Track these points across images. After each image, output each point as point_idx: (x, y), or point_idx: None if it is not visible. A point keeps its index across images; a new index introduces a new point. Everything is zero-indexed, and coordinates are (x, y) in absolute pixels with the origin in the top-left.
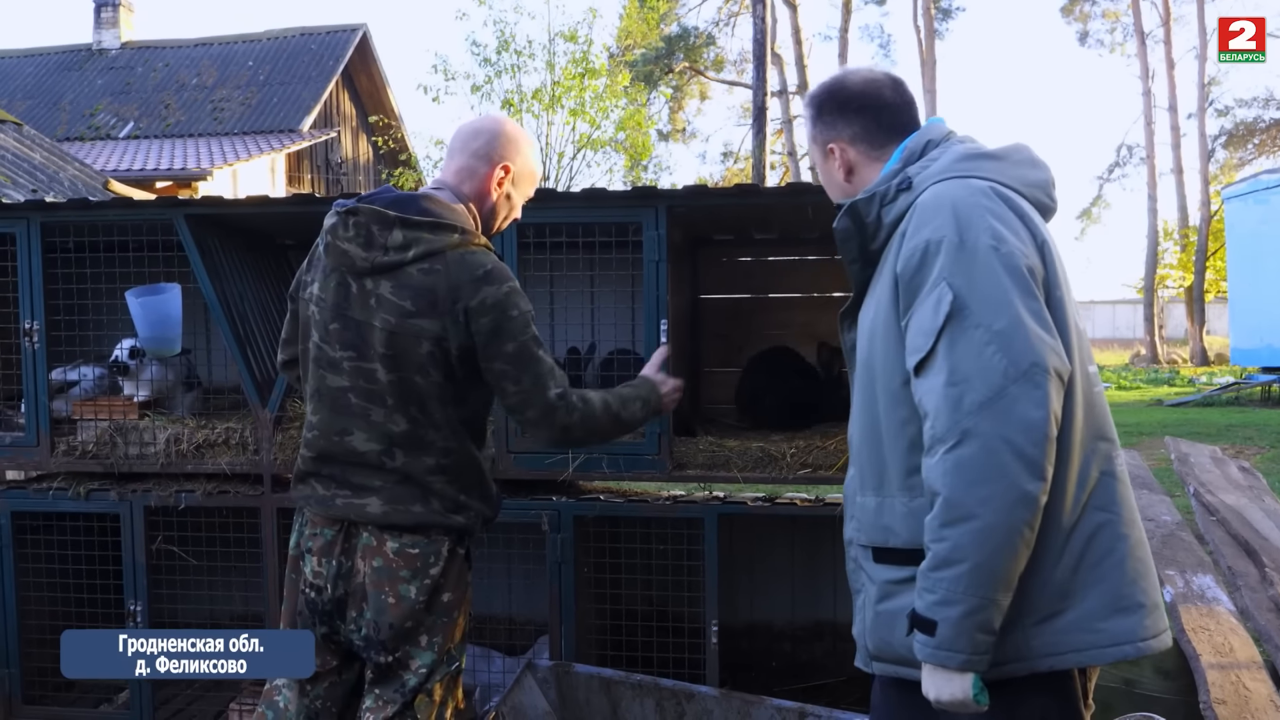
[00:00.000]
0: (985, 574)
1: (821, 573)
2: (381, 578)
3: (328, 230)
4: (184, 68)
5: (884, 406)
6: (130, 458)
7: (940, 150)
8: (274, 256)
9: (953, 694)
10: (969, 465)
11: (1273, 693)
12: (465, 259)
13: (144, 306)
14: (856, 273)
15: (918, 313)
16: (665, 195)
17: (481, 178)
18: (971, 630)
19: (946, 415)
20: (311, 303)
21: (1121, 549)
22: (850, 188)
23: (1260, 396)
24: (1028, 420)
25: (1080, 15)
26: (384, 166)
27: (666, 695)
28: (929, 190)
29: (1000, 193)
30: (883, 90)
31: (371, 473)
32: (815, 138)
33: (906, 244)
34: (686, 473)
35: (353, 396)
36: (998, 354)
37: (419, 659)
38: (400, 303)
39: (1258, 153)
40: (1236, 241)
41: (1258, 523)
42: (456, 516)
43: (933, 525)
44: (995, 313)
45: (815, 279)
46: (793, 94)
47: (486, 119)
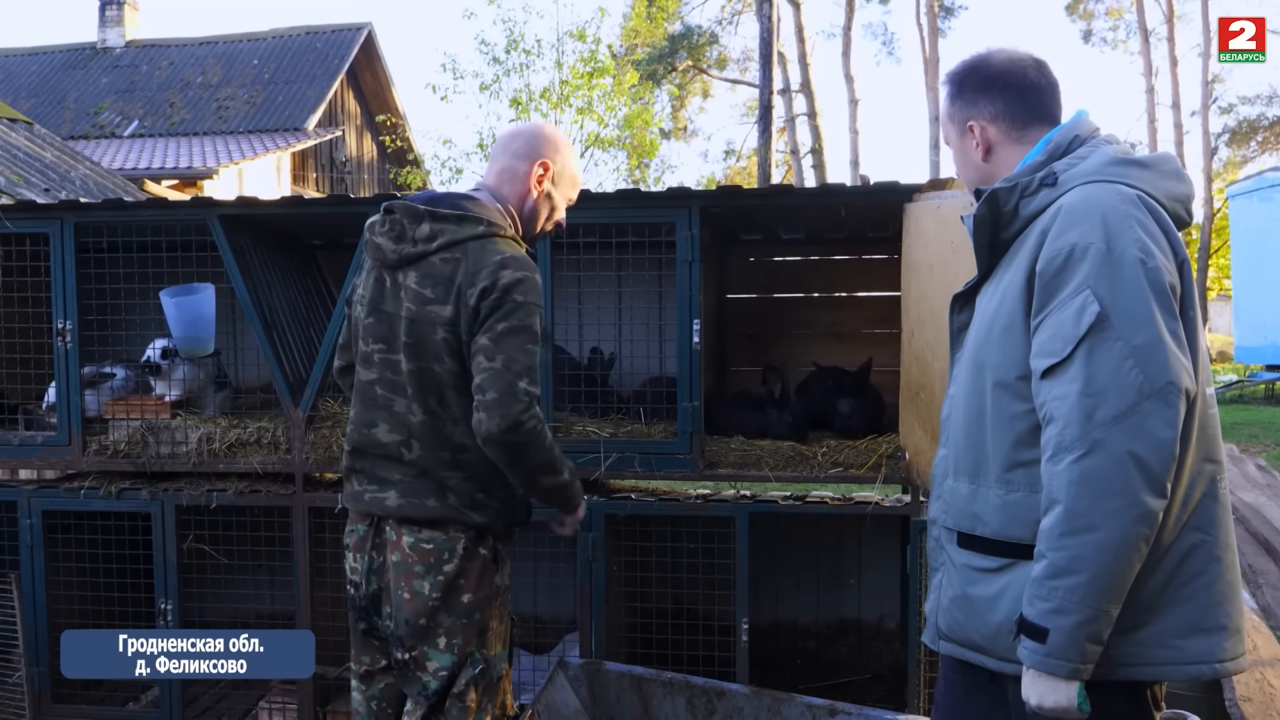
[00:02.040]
0: (1102, 585)
1: (847, 570)
2: (399, 573)
3: (367, 228)
4: (189, 66)
5: (992, 397)
6: (162, 457)
7: (1089, 150)
8: (303, 256)
9: (1057, 701)
10: (1096, 477)
11: None
12: (486, 247)
13: (178, 306)
14: (983, 259)
15: (1055, 316)
16: (699, 195)
17: (521, 176)
18: (1083, 640)
19: (1078, 425)
20: (359, 304)
21: (1213, 571)
22: (988, 168)
23: (1264, 394)
24: (1157, 438)
25: (1084, 13)
26: (391, 166)
27: (697, 693)
28: (1076, 191)
29: (1148, 204)
30: (1027, 70)
31: (392, 465)
32: (954, 115)
33: (1050, 243)
34: (718, 471)
35: (379, 388)
36: (1135, 369)
37: (436, 660)
38: (421, 291)
39: (1261, 150)
40: (1240, 239)
41: (1277, 521)
42: (474, 514)
43: (1051, 533)
44: (1137, 328)
45: (841, 278)
46: (796, 92)
47: (527, 123)
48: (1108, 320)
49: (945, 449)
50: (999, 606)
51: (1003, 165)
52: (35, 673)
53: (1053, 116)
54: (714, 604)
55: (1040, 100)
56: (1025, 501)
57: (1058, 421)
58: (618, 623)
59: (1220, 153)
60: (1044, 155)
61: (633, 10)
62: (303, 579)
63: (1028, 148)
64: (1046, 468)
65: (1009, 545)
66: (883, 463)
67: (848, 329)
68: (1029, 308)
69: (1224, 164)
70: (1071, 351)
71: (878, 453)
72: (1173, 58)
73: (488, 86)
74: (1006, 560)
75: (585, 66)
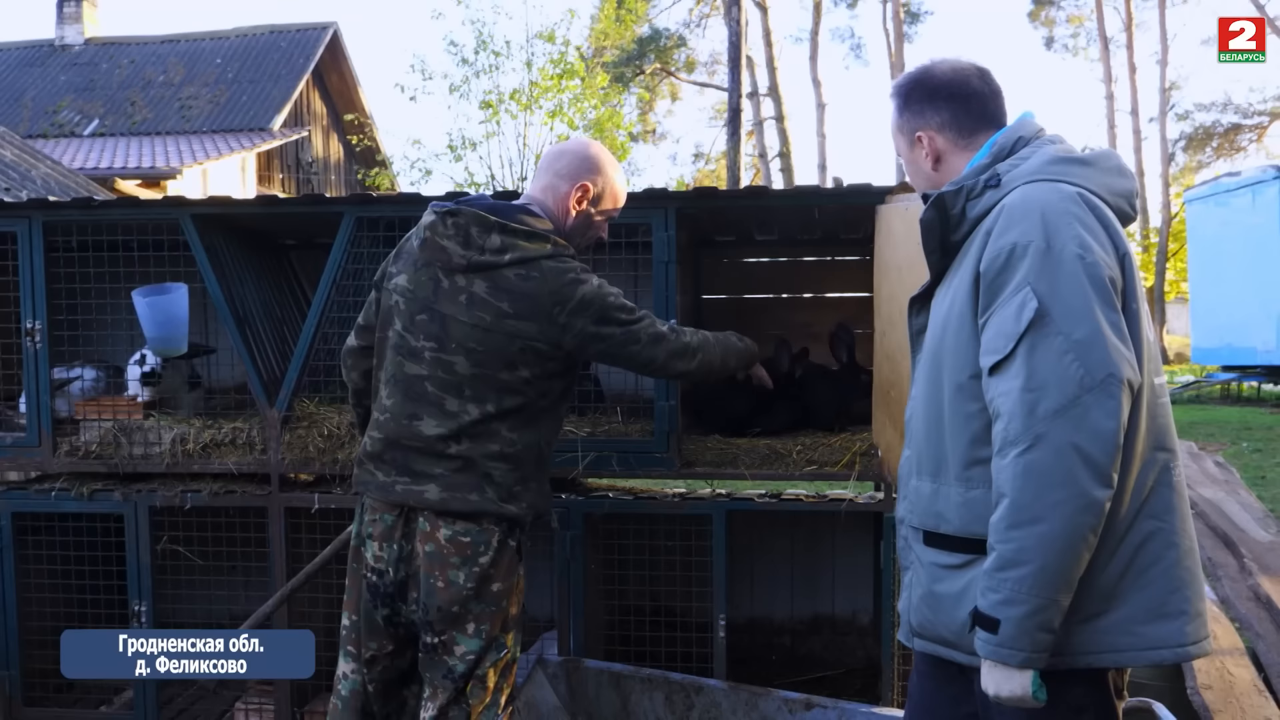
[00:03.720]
0: (1049, 576)
1: (821, 567)
2: (433, 562)
3: (426, 227)
4: (150, 64)
5: (949, 397)
6: (135, 458)
7: (1031, 149)
8: (275, 256)
9: (1012, 690)
10: (1040, 470)
11: (1255, 678)
12: (558, 267)
13: (151, 306)
14: (935, 262)
15: (998, 314)
16: (675, 197)
17: (562, 195)
18: (1033, 629)
19: (1021, 419)
20: (395, 293)
21: (1171, 557)
22: (937, 176)
23: (1220, 394)
24: (1099, 429)
25: (1046, 20)
26: (359, 166)
27: (676, 688)
28: (1018, 191)
29: (1088, 200)
30: (970, 79)
31: (433, 460)
32: (902, 126)
33: (993, 243)
34: (695, 470)
35: (429, 385)
36: (1075, 363)
37: (464, 645)
38: (498, 304)
39: (1216, 156)
40: (1197, 243)
41: (1235, 515)
42: (509, 506)
43: (999, 526)
44: (1076, 322)
45: (814, 279)
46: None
47: (573, 142)
48: (1047, 315)
49: (909, 449)
50: (965, 602)
51: (952, 172)
52: (5, 676)
53: (998, 121)
54: (691, 601)
55: (984, 107)
56: (984, 498)
57: (1003, 416)
58: (596, 620)
59: (1177, 158)
60: (989, 158)
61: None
62: (279, 580)
63: (974, 153)
64: (995, 462)
65: (971, 542)
66: (856, 460)
67: (821, 329)
68: (977, 308)
69: (1181, 169)
70: (1013, 348)
71: (852, 450)
72: (1131, 65)
73: (457, 88)
74: (970, 556)
75: (555, 68)
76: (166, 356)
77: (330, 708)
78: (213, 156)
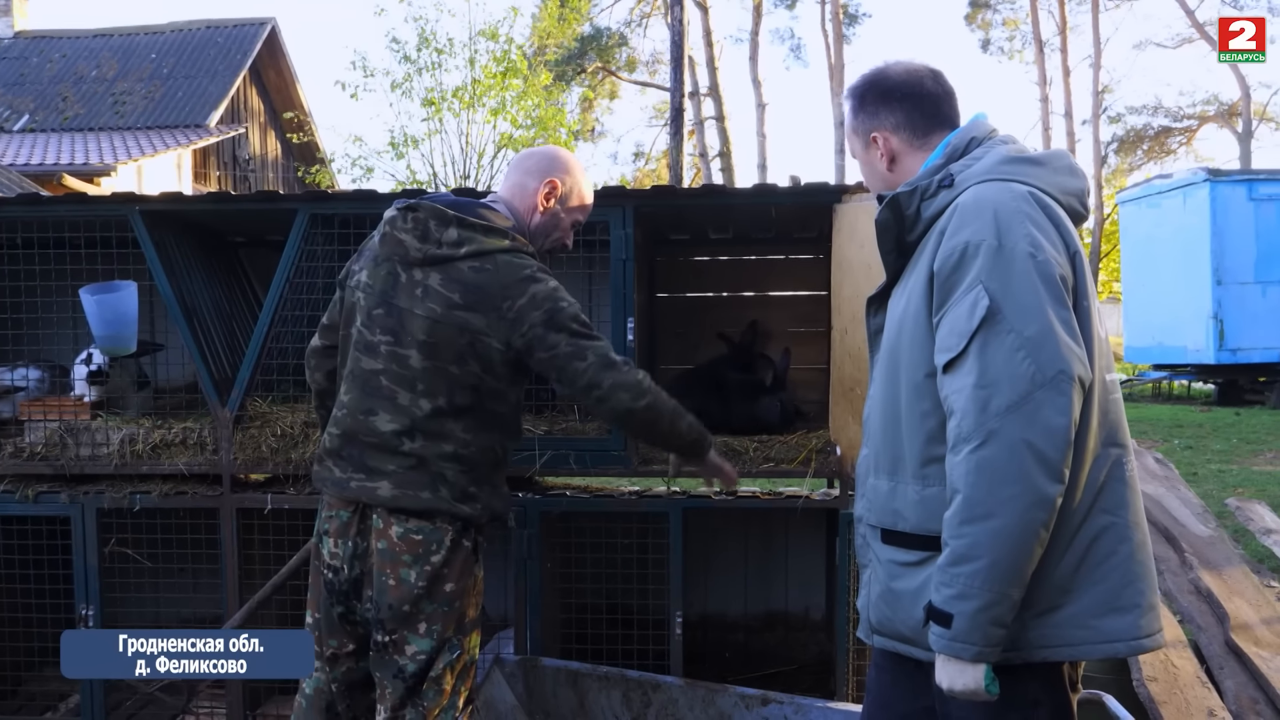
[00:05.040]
0: (1001, 571)
1: (774, 564)
2: (385, 560)
3: (386, 222)
4: (82, 59)
5: (906, 396)
6: (82, 459)
7: (984, 150)
8: (225, 253)
9: (965, 684)
10: (992, 466)
11: (1198, 669)
12: (513, 261)
13: (100, 304)
14: (891, 262)
15: (951, 312)
16: (633, 195)
17: (530, 192)
18: (986, 624)
19: (974, 416)
20: (357, 289)
21: (1125, 550)
22: (893, 177)
23: (1152, 393)
24: (1050, 425)
25: (982, 23)
26: (299, 164)
27: (633, 686)
28: (970, 191)
29: (1040, 199)
30: (924, 80)
31: (387, 456)
32: (857, 128)
33: (946, 243)
34: (652, 468)
35: (384, 379)
36: (1027, 360)
37: (415, 644)
38: (449, 295)
39: (1146, 158)
40: (1129, 244)
41: (1175, 510)
42: (463, 506)
43: (952, 522)
44: (1028, 319)
45: (769, 278)
46: (704, 96)
47: (544, 146)
48: (999, 313)
49: (867, 448)
50: (922, 599)
51: (907, 173)
52: None
53: (951, 122)
54: (648, 599)
55: (938, 108)
56: (941, 496)
57: (956, 414)
58: (552, 619)
59: (1109, 160)
60: (942, 158)
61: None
62: (230, 581)
63: (929, 153)
64: (948, 459)
65: (928, 539)
66: (813, 457)
67: (775, 327)
68: (932, 307)
69: (1113, 171)
70: (966, 345)
71: (808, 448)
72: (1065, 68)
73: (399, 85)
74: (926, 554)
75: (498, 66)
76: (115, 355)
77: (295, 706)
78: (148, 153)
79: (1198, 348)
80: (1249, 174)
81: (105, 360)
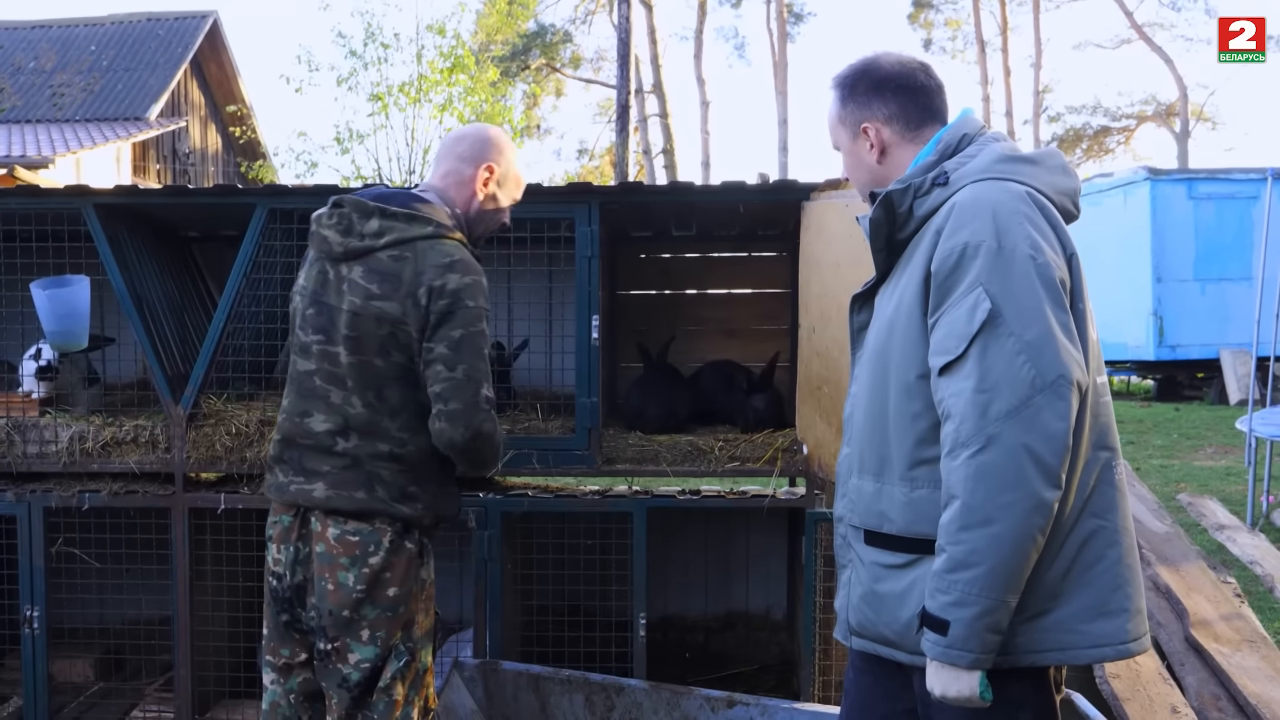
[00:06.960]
0: (1000, 577)
1: (734, 564)
2: (323, 564)
3: (314, 219)
4: (19, 50)
5: (895, 397)
6: (29, 456)
7: (977, 147)
8: (178, 248)
9: (959, 691)
10: (991, 471)
11: (1159, 666)
12: (435, 247)
13: (51, 299)
14: (880, 260)
15: (950, 314)
16: (599, 192)
17: (468, 180)
18: (983, 631)
19: (973, 421)
20: (297, 294)
21: (1113, 555)
22: (881, 170)
23: None
24: (1050, 431)
25: (925, 23)
26: (242, 159)
27: (596, 689)
28: (968, 189)
29: (1036, 200)
30: (916, 72)
31: (322, 457)
32: (845, 118)
33: (944, 243)
34: (616, 467)
35: (317, 379)
36: (1027, 364)
37: (358, 653)
38: (367, 285)
39: (1085, 157)
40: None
41: (1139, 513)
42: (402, 506)
43: (950, 528)
44: (1028, 323)
45: (730, 275)
46: (648, 93)
47: (472, 126)
48: (1000, 316)
49: (849, 447)
50: (908, 602)
51: (897, 166)
52: None
53: (942, 116)
54: (610, 600)
55: (930, 101)
56: (930, 498)
57: (954, 418)
58: (513, 621)
59: None
60: (935, 155)
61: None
62: (182, 583)
63: (920, 147)
64: (945, 463)
65: (915, 541)
66: (779, 456)
67: (738, 325)
68: (926, 307)
69: None
70: (966, 349)
71: (774, 447)
72: (1006, 68)
73: (344, 79)
74: (913, 556)
75: (445, 61)
76: (66, 351)
77: None
78: (86, 146)
79: (1138, 344)
80: (1189, 173)
81: (55, 356)
